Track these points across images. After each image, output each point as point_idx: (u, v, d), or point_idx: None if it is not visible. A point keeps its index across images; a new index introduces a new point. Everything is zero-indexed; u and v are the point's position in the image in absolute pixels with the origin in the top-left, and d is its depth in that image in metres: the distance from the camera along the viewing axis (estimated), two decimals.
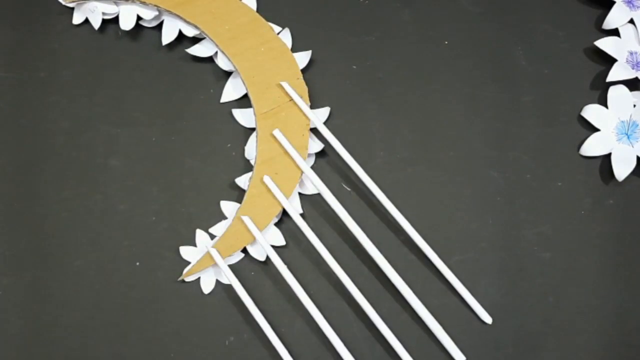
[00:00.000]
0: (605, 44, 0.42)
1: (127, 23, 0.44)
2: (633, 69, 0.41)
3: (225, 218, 0.41)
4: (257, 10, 0.44)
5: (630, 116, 0.41)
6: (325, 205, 0.40)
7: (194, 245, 0.41)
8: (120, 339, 0.39)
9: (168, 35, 0.44)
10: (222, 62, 0.43)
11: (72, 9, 0.45)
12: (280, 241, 0.40)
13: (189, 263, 0.40)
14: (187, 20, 0.43)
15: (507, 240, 0.40)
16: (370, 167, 0.39)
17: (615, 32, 0.43)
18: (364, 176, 0.40)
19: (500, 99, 0.43)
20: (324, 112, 0.42)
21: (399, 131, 0.42)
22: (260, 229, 0.40)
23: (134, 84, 0.44)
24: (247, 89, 0.42)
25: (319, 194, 0.40)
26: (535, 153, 0.42)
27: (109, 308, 0.40)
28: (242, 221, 0.40)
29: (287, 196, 0.40)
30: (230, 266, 0.40)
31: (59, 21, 0.45)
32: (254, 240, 0.40)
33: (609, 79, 0.41)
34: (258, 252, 0.40)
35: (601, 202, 0.41)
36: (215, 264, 0.39)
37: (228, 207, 0.41)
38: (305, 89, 0.42)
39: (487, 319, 0.38)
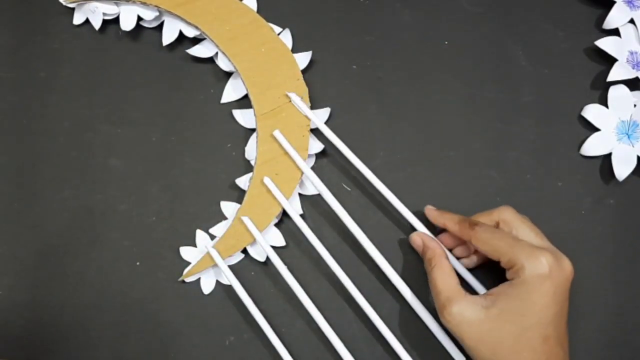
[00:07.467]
0: (605, 43, 0.42)
1: (127, 23, 0.44)
2: (633, 68, 0.41)
3: (226, 218, 0.41)
4: (258, 11, 0.44)
5: (631, 116, 0.41)
6: (325, 206, 0.40)
7: (194, 245, 0.41)
8: (120, 339, 0.40)
9: (168, 36, 0.43)
10: (223, 63, 0.43)
11: (73, 9, 0.45)
12: (280, 242, 0.40)
13: (189, 263, 0.40)
14: (188, 20, 0.43)
15: None
16: (371, 167, 0.39)
17: (615, 32, 0.43)
18: (367, 173, 0.39)
19: (500, 99, 0.43)
20: (324, 113, 0.42)
21: (399, 131, 0.42)
22: (260, 230, 0.40)
23: (134, 84, 0.44)
24: (247, 90, 0.42)
25: (319, 195, 0.40)
26: (535, 153, 0.42)
27: (109, 308, 0.40)
28: (242, 222, 0.40)
29: (287, 197, 0.40)
30: (230, 266, 0.40)
31: (59, 21, 0.45)
32: (254, 240, 0.40)
33: (609, 78, 0.41)
34: (258, 253, 0.40)
35: (601, 202, 0.41)
36: (215, 265, 0.39)
37: (228, 207, 0.41)
38: (306, 89, 0.42)
39: None
